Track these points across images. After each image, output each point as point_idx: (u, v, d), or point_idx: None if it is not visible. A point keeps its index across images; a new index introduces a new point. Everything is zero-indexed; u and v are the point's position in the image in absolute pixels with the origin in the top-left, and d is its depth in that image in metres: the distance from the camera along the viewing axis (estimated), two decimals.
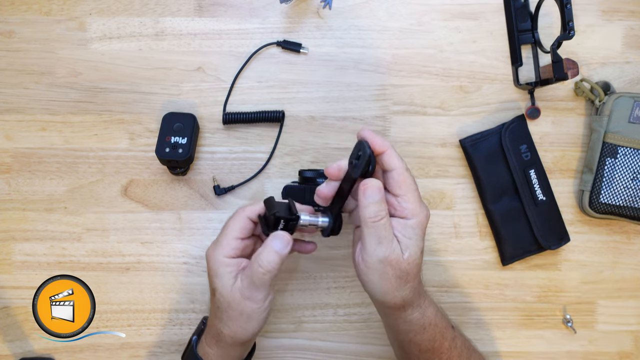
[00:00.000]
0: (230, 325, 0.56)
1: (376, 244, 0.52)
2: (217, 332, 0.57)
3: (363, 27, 0.72)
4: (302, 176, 0.66)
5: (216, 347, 0.58)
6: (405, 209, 0.53)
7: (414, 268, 0.53)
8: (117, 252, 0.72)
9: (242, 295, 0.55)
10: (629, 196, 0.70)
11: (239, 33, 0.72)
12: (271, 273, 0.54)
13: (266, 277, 0.54)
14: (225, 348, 0.58)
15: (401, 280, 0.53)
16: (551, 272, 0.74)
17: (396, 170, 0.53)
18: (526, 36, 0.72)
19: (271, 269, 0.54)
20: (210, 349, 0.58)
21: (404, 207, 0.53)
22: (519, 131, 0.72)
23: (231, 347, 0.58)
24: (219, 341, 0.58)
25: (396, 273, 0.53)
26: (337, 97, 0.72)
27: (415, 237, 0.53)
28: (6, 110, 0.71)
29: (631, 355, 0.74)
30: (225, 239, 0.56)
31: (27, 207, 0.71)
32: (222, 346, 0.58)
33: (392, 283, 0.53)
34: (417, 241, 0.53)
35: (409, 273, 0.53)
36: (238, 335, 0.56)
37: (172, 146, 0.67)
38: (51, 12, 0.71)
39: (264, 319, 0.57)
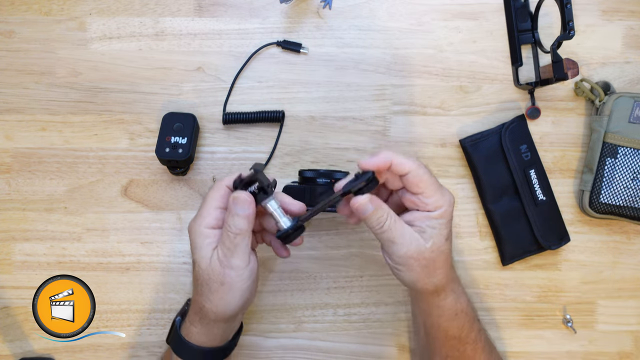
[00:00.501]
0: (211, 298, 0.55)
1: (391, 244, 0.55)
2: (199, 307, 0.56)
3: (363, 27, 0.72)
4: (302, 176, 0.66)
5: (199, 325, 0.57)
6: (428, 204, 0.55)
7: (439, 255, 0.55)
8: (117, 252, 0.72)
9: (221, 264, 0.54)
10: (629, 196, 0.70)
11: (239, 33, 0.72)
12: (241, 235, 0.53)
13: (237, 239, 0.53)
14: (209, 324, 0.57)
15: (428, 268, 0.55)
16: (551, 272, 0.74)
17: (410, 172, 0.54)
18: (526, 36, 0.72)
19: (239, 231, 0.53)
20: (194, 327, 0.57)
21: (426, 203, 0.55)
22: (519, 131, 0.72)
23: (214, 324, 0.57)
24: (202, 317, 0.56)
25: (421, 263, 0.54)
26: (337, 97, 0.72)
27: (439, 227, 0.55)
28: (6, 110, 0.71)
29: (631, 355, 0.74)
30: (205, 209, 0.55)
31: (27, 207, 0.71)
32: (205, 322, 0.57)
33: (419, 273, 0.55)
34: (441, 230, 0.55)
35: (436, 260, 0.55)
36: (220, 309, 0.55)
37: (172, 146, 0.67)
38: (51, 12, 0.71)
39: (247, 289, 0.55)
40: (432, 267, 0.55)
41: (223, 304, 0.55)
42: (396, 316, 0.73)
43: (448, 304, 0.58)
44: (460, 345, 0.59)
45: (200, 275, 0.55)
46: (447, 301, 0.58)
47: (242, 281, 0.54)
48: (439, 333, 0.60)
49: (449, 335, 0.59)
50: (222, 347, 0.59)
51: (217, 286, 0.54)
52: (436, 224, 0.55)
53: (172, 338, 0.61)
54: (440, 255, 0.55)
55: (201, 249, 0.55)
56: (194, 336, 0.58)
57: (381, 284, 0.73)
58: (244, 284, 0.55)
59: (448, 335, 0.59)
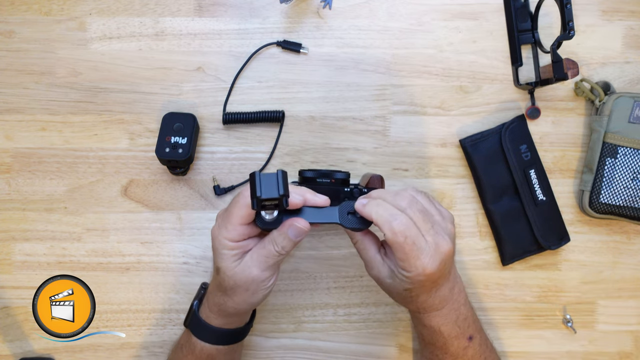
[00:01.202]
0: (234, 299, 0.58)
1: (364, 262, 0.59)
2: (220, 302, 0.59)
3: (363, 27, 0.72)
4: (302, 176, 0.66)
5: (218, 314, 0.60)
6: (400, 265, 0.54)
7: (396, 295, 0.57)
8: (117, 252, 0.72)
9: (251, 273, 0.56)
10: (629, 196, 0.70)
11: (239, 33, 0.72)
12: (284, 255, 0.56)
13: (279, 258, 0.56)
14: (228, 317, 0.60)
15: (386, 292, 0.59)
16: (551, 272, 0.74)
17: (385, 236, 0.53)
18: (526, 36, 0.72)
19: (284, 252, 0.56)
20: (212, 314, 0.61)
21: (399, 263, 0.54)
22: (519, 131, 0.72)
23: (234, 316, 0.61)
24: (221, 310, 0.60)
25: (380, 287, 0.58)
26: (337, 97, 0.72)
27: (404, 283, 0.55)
28: (6, 110, 0.71)
29: (631, 355, 0.74)
30: (231, 224, 0.56)
31: (27, 207, 0.71)
32: (225, 315, 0.60)
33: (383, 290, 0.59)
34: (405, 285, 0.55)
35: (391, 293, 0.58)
36: (241, 307, 0.59)
37: (172, 146, 0.67)
38: (51, 12, 0.71)
39: (269, 293, 0.59)
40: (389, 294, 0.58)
41: (244, 304, 0.58)
42: (396, 316, 0.73)
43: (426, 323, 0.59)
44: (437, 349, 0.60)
45: (224, 280, 0.57)
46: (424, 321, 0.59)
47: (266, 289, 0.58)
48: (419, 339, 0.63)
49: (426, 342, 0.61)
50: (239, 329, 0.63)
51: (242, 291, 0.57)
52: (401, 277, 0.54)
53: (190, 321, 0.63)
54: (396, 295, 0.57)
55: (226, 259, 0.56)
56: (212, 321, 0.61)
57: None
58: (267, 290, 0.58)
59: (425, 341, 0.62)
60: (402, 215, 0.52)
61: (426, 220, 0.53)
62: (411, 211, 0.53)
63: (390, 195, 0.55)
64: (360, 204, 0.55)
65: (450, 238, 0.54)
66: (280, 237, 0.55)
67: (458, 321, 0.59)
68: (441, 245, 0.53)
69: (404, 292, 0.55)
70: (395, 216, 0.52)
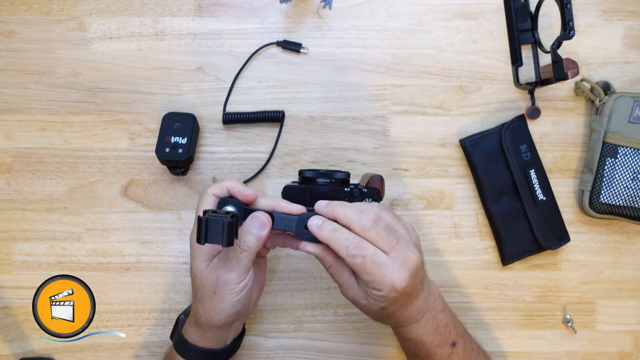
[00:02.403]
0: (204, 304, 0.56)
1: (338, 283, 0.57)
2: (195, 311, 0.58)
3: (363, 27, 0.72)
4: (302, 176, 0.66)
5: (194, 327, 0.59)
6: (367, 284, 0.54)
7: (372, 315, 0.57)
8: (117, 252, 0.72)
9: (216, 274, 0.55)
10: (629, 196, 0.70)
11: (239, 33, 0.72)
12: (247, 252, 0.54)
13: (242, 256, 0.54)
14: (202, 328, 0.58)
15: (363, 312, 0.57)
16: (551, 272, 0.74)
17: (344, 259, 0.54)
18: (526, 36, 0.72)
19: (247, 249, 0.54)
20: (190, 328, 0.59)
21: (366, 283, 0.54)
22: (519, 131, 0.72)
23: (207, 329, 0.58)
24: (196, 321, 0.58)
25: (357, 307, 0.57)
26: (337, 97, 0.72)
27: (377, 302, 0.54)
28: (6, 110, 0.71)
29: (631, 355, 0.74)
30: None
31: (27, 207, 0.71)
32: (199, 326, 0.58)
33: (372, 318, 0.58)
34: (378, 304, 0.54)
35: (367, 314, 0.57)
36: (211, 315, 0.56)
37: (172, 146, 0.67)
38: (51, 12, 0.71)
39: (238, 302, 0.56)
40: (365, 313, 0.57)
41: (214, 312, 0.56)
42: None
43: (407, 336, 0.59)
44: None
45: (195, 282, 0.57)
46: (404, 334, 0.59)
47: (233, 294, 0.55)
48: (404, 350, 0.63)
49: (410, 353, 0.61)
50: (218, 349, 0.60)
51: (210, 294, 0.56)
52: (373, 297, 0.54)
53: (174, 335, 0.63)
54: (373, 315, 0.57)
55: (196, 259, 0.56)
56: (190, 336, 0.59)
57: None
58: (235, 297, 0.55)
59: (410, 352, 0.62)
60: (354, 237, 0.53)
61: (391, 236, 0.53)
62: (375, 231, 0.53)
63: (355, 213, 0.54)
64: (315, 225, 0.54)
65: (417, 249, 0.55)
66: (243, 232, 0.54)
67: (438, 329, 0.58)
68: (409, 258, 0.53)
69: (381, 311, 0.55)
70: (349, 240, 0.52)
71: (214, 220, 0.49)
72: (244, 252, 0.54)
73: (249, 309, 0.61)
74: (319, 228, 0.54)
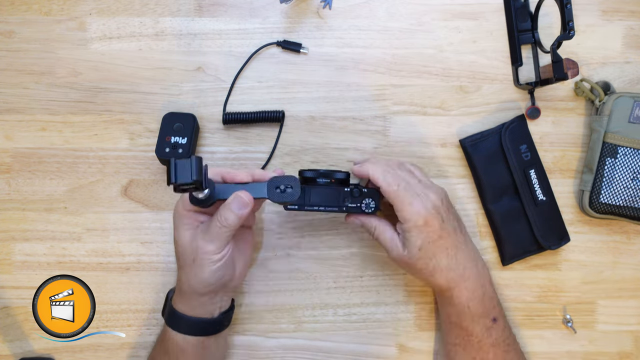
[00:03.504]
0: (185, 271, 0.59)
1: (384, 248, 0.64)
2: (179, 279, 0.61)
3: (363, 27, 0.72)
4: (301, 176, 0.66)
5: (180, 296, 0.62)
6: (399, 216, 0.62)
7: (417, 262, 0.62)
8: (117, 252, 0.72)
9: (196, 243, 0.58)
10: (629, 196, 0.70)
11: (239, 33, 0.72)
12: (227, 229, 0.57)
13: (222, 231, 0.57)
14: (188, 297, 0.61)
15: (413, 272, 0.64)
16: (551, 272, 0.74)
17: (381, 188, 0.62)
18: (526, 36, 0.72)
19: (227, 225, 0.57)
20: (177, 299, 0.62)
21: (398, 215, 0.62)
22: (519, 131, 0.72)
23: (190, 296, 0.60)
24: (179, 290, 0.61)
25: (406, 267, 0.64)
26: (337, 97, 0.72)
27: (412, 238, 0.61)
28: (6, 110, 0.71)
29: (631, 355, 0.74)
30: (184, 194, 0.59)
31: (27, 207, 0.71)
32: (183, 295, 0.61)
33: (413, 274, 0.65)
34: (412, 240, 0.61)
35: (414, 266, 0.62)
36: (192, 283, 0.59)
37: (172, 146, 0.67)
38: (51, 12, 0.71)
39: (216, 270, 0.58)
40: (415, 271, 0.63)
41: (194, 279, 0.59)
42: (396, 316, 0.73)
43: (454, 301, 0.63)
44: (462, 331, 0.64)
45: (177, 251, 0.60)
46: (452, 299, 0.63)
47: (212, 263, 0.58)
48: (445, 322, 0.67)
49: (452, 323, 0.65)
50: (205, 319, 0.62)
51: (190, 262, 0.59)
52: (409, 236, 0.61)
53: (165, 309, 0.65)
54: (417, 262, 0.62)
55: (179, 228, 0.60)
56: (178, 306, 0.62)
57: (381, 284, 0.73)
58: (213, 266, 0.58)
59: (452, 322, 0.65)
60: (393, 169, 0.63)
61: (413, 177, 0.64)
62: (400, 171, 0.64)
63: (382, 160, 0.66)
64: (357, 166, 0.65)
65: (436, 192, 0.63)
66: (224, 209, 0.57)
67: (484, 299, 0.64)
68: (429, 194, 0.62)
69: (420, 254, 0.61)
70: (387, 170, 0.63)
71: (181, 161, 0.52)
72: (223, 228, 0.57)
73: (233, 281, 0.63)
74: (360, 166, 0.64)
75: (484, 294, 0.64)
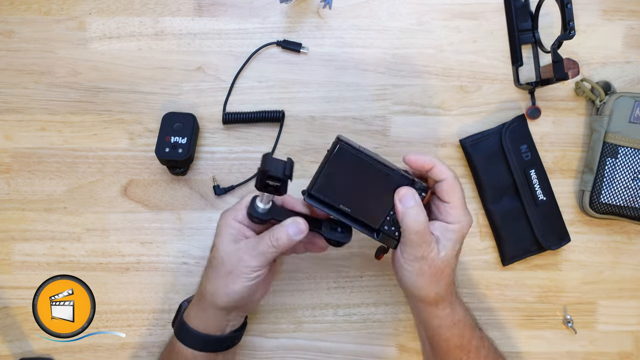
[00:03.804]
0: (214, 281, 0.58)
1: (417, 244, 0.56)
2: (201, 289, 0.60)
3: (363, 27, 0.72)
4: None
5: (196, 307, 0.60)
6: (450, 215, 0.58)
7: (447, 267, 0.58)
8: (117, 252, 0.72)
9: (240, 256, 0.57)
10: (629, 196, 0.70)
11: (239, 33, 0.72)
12: (276, 249, 0.56)
13: (270, 250, 0.56)
14: (205, 308, 0.59)
15: (435, 277, 0.57)
16: (551, 272, 0.74)
17: (446, 180, 0.57)
18: (526, 36, 0.72)
19: (277, 246, 0.56)
20: (192, 310, 0.61)
21: (450, 213, 0.58)
22: (519, 131, 0.71)
23: (210, 309, 0.59)
24: (200, 300, 0.60)
25: (431, 270, 0.57)
26: (337, 97, 0.72)
27: (453, 241, 0.58)
28: (6, 110, 0.71)
29: (631, 355, 0.74)
30: (241, 205, 0.59)
31: (27, 207, 0.71)
32: (202, 306, 0.60)
33: (427, 279, 0.57)
34: (454, 244, 0.58)
35: (443, 271, 0.57)
36: (218, 293, 0.58)
37: (172, 146, 0.67)
38: (51, 12, 0.71)
39: (248, 288, 0.58)
40: (438, 277, 0.57)
41: (222, 290, 0.58)
42: (396, 316, 0.73)
43: (445, 315, 0.59)
44: (463, 354, 0.60)
45: (214, 258, 0.59)
46: (445, 312, 0.59)
47: (248, 279, 0.57)
48: (440, 343, 0.61)
49: (450, 346, 0.60)
50: (216, 336, 0.60)
51: (225, 272, 0.57)
52: (451, 237, 0.57)
53: (175, 320, 0.63)
54: (447, 267, 0.58)
55: (223, 237, 0.58)
56: (191, 320, 0.60)
57: (381, 284, 0.73)
58: (247, 282, 0.57)
59: (450, 345, 0.60)
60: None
61: None
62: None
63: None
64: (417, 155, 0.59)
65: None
66: (278, 230, 0.56)
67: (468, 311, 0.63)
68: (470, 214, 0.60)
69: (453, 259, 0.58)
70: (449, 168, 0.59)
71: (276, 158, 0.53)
72: (272, 248, 0.56)
73: (252, 303, 0.62)
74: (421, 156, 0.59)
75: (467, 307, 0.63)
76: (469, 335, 0.61)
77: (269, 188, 0.53)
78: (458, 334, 0.60)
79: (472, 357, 0.61)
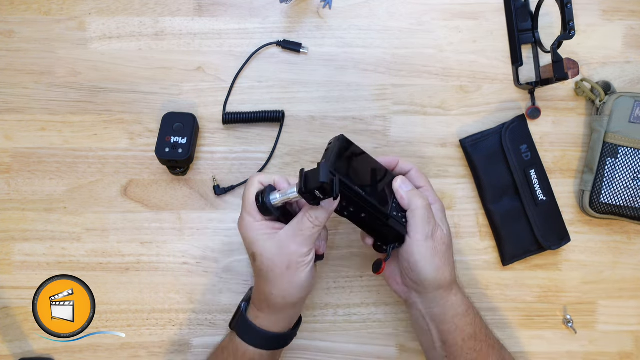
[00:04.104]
0: (278, 284, 0.58)
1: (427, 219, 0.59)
2: (266, 295, 0.59)
3: (363, 27, 0.72)
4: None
5: (267, 311, 0.60)
6: (429, 197, 0.62)
7: (451, 244, 0.62)
8: (117, 252, 0.72)
9: (289, 247, 0.57)
10: (629, 196, 0.70)
11: (239, 33, 0.72)
12: (319, 227, 0.57)
13: (314, 231, 0.57)
14: (277, 312, 0.60)
15: (447, 254, 0.60)
16: (552, 272, 0.74)
17: (412, 170, 0.64)
18: (526, 36, 0.72)
19: (319, 224, 0.57)
20: (261, 313, 0.60)
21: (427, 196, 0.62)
22: (519, 131, 0.71)
23: (283, 310, 0.60)
24: (270, 305, 0.59)
25: (443, 248, 0.60)
26: (337, 97, 0.72)
27: (442, 218, 0.62)
28: (6, 110, 0.71)
29: (632, 355, 0.74)
30: (249, 206, 0.58)
31: (27, 207, 0.71)
32: (274, 310, 0.60)
33: (441, 258, 0.59)
34: (444, 220, 0.62)
35: (449, 248, 0.61)
36: (289, 292, 0.58)
37: (172, 146, 0.67)
38: (51, 12, 0.71)
39: (309, 274, 0.58)
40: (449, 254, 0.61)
41: (290, 289, 0.58)
42: (396, 316, 0.73)
43: (459, 300, 0.61)
44: (477, 344, 0.61)
45: (263, 264, 0.58)
46: (458, 297, 0.61)
47: (305, 265, 0.58)
48: (456, 335, 0.60)
49: (465, 336, 0.60)
50: (285, 333, 0.62)
51: (283, 270, 0.57)
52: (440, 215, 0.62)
53: (237, 322, 0.63)
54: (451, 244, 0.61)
55: (259, 242, 0.58)
56: (260, 321, 0.60)
57: (381, 284, 0.73)
58: (307, 268, 0.58)
59: (464, 336, 0.60)
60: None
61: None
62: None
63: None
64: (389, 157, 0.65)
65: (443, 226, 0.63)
66: (312, 209, 0.56)
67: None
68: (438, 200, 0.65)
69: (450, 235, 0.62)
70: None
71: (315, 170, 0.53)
72: (316, 227, 0.57)
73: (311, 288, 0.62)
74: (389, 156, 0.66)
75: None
76: (479, 323, 0.62)
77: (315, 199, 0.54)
78: (470, 323, 0.61)
79: (484, 347, 0.61)
